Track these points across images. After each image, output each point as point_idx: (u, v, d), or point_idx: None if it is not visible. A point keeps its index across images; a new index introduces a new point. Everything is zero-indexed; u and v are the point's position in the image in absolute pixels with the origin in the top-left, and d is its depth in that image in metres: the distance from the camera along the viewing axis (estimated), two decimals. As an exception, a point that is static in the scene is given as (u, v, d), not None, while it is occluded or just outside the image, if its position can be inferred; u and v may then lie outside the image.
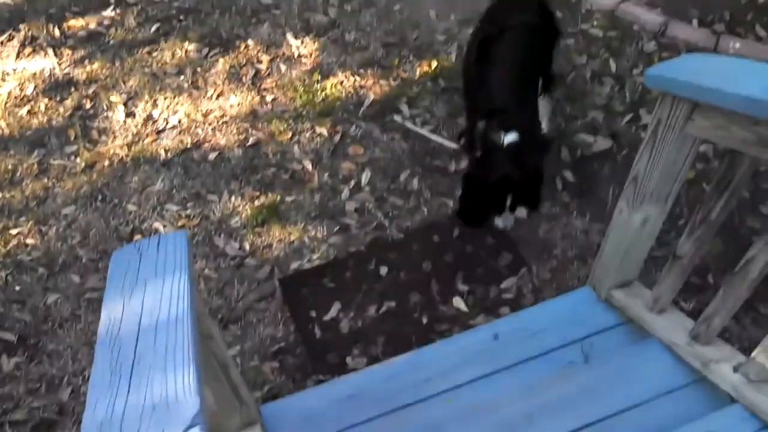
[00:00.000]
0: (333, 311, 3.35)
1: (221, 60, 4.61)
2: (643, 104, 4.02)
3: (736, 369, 2.31)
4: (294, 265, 3.55)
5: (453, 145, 3.97)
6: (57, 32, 4.98)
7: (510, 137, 2.94)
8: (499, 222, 3.18)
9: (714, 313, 2.31)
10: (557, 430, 2.51)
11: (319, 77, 4.42)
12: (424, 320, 3.28)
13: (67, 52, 4.84)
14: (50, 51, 4.86)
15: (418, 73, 4.41)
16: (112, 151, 4.15)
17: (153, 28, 4.90)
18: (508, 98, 3.10)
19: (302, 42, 4.67)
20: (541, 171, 3.13)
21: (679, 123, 2.10)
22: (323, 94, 4.33)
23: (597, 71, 4.27)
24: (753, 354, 2.18)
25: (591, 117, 4.03)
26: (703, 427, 2.34)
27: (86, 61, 4.73)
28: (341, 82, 4.38)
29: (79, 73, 4.66)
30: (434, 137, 4.03)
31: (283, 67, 4.53)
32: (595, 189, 3.74)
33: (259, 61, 4.58)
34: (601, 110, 4.06)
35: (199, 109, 4.33)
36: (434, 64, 4.43)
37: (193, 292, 1.63)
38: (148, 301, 1.60)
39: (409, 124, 4.11)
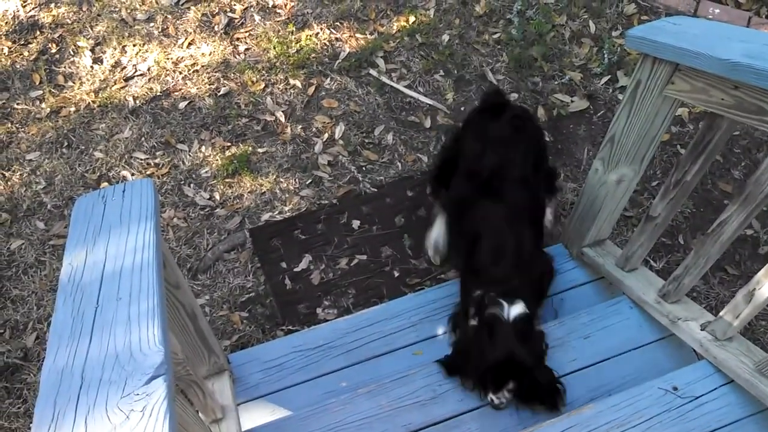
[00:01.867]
0: (304, 263, 3.32)
1: (193, 8, 4.48)
2: (621, 66, 4.00)
3: (703, 327, 2.34)
4: (265, 217, 3.50)
5: (428, 101, 3.92)
6: (22, -27, 4.81)
7: (516, 310, 2.40)
8: (494, 399, 2.44)
9: (684, 273, 2.32)
10: (526, 382, 2.51)
11: (294, 28, 4.33)
12: (396, 273, 3.27)
13: (32, -7, 4.68)
14: (15, -8, 4.69)
15: (395, 27, 4.33)
16: (78, 97, 4.04)
17: (122, -27, 4.75)
18: (509, 267, 2.53)
19: (277, -8, 4.57)
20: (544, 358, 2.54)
21: (658, 85, 2.09)
22: (298, 45, 4.24)
23: (576, 32, 4.23)
24: (721, 313, 2.21)
25: (568, 77, 4.00)
26: (669, 381, 2.38)
27: (52, 4, 4.57)
28: (316, 34, 4.29)
29: (45, 17, 4.51)
30: (410, 92, 3.98)
31: (257, 17, 4.42)
32: (571, 149, 3.73)
33: (232, 10, 4.47)
34: (579, 71, 4.04)
35: (169, 57, 4.21)
36: (412, 19, 4.35)
37: (159, 241, 1.58)
38: (112, 249, 1.55)
39: (384, 79, 4.05)
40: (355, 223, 3.45)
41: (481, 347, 2.40)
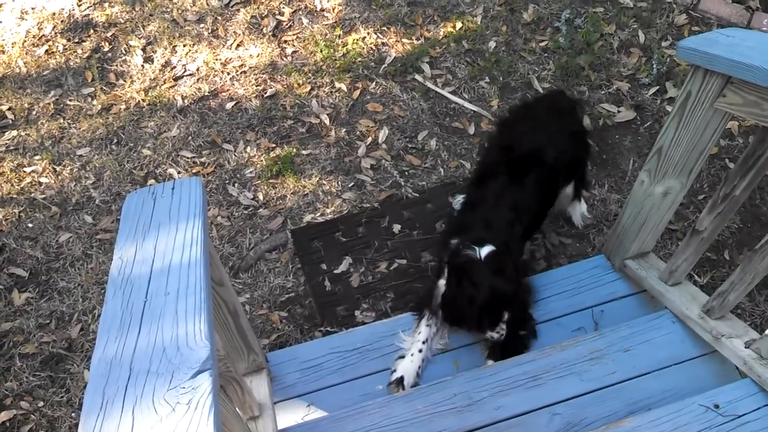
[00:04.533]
0: (344, 265, 3.34)
1: (242, 10, 4.54)
2: (670, 77, 3.95)
3: (748, 345, 2.29)
4: (307, 218, 3.53)
5: (473, 108, 3.92)
6: (78, -27, 4.93)
7: (486, 249, 2.56)
8: (494, 335, 2.60)
9: (730, 289, 2.28)
10: (564, 392, 2.52)
11: (341, 32, 4.36)
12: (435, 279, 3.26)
13: (87, -7, 4.79)
14: (71, -9, 4.81)
15: (441, 33, 4.34)
16: (128, 95, 4.12)
17: (175, -26, 4.83)
18: (492, 225, 2.71)
19: (326, -4, 4.61)
20: (524, 281, 2.81)
21: (709, 97, 2.06)
22: (344, 49, 4.27)
23: (625, 41, 4.19)
24: (767, 331, 2.16)
25: (616, 87, 3.97)
26: (710, 399, 2.34)
27: (106, 4, 4.68)
28: (363, 39, 4.32)
29: (99, 15, 4.61)
30: (455, 98, 3.98)
31: (305, 20, 4.46)
32: (616, 159, 3.70)
33: (281, 13, 4.52)
34: (627, 81, 4.00)
35: (218, 58, 4.28)
36: (459, 25, 4.35)
37: (206, 239, 1.62)
38: (161, 245, 1.58)
39: (429, 84, 4.06)
40: (396, 228, 3.46)
41: (465, 291, 2.55)
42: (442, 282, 2.73)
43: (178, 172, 3.75)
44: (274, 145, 3.83)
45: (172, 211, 1.68)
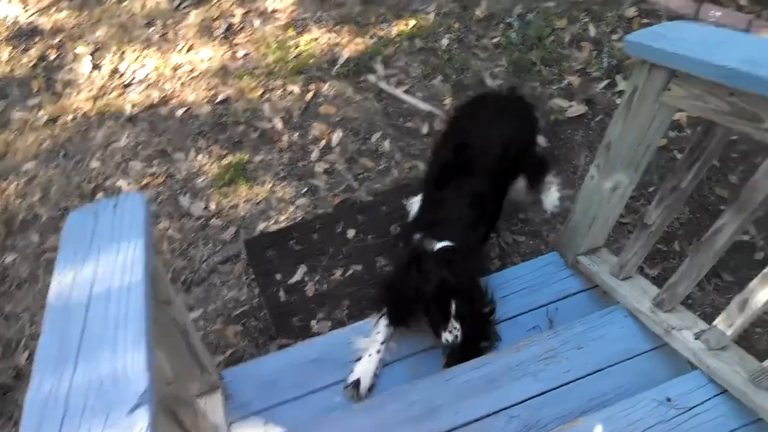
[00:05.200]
0: (298, 274, 3.29)
1: (193, 12, 4.47)
2: (620, 70, 3.95)
3: (697, 336, 2.31)
4: (260, 227, 3.48)
5: (426, 107, 3.88)
6: (22, -21, 4.81)
7: (442, 243, 2.62)
8: (448, 336, 2.56)
9: (678, 282, 2.29)
10: (520, 393, 2.51)
11: (294, 33, 4.31)
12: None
13: (32, -1, 4.69)
14: (15, -2, 4.70)
15: (394, 31, 4.30)
16: (76, 105, 4.03)
17: (123, -23, 4.74)
18: (453, 223, 2.78)
19: (277, -4, 4.54)
20: (478, 281, 2.74)
21: (655, 91, 2.06)
22: (297, 50, 4.21)
23: (576, 35, 4.18)
24: (714, 322, 2.17)
25: (567, 81, 3.95)
26: (662, 392, 2.36)
27: (53, 10, 4.58)
28: (316, 39, 4.27)
29: (45, 22, 4.51)
30: (408, 98, 3.94)
31: (256, 22, 4.40)
32: (568, 154, 3.68)
33: (232, 15, 4.45)
34: (578, 75, 3.98)
35: (168, 63, 4.20)
36: (412, 23, 4.32)
37: (149, 259, 1.56)
38: (101, 268, 1.52)
39: (383, 84, 4.02)
40: (351, 233, 3.42)
41: (411, 280, 2.58)
42: None
43: (128, 184, 3.67)
44: (226, 152, 3.77)
45: (114, 230, 1.62)
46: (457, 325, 2.55)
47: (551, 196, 3.38)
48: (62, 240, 1.64)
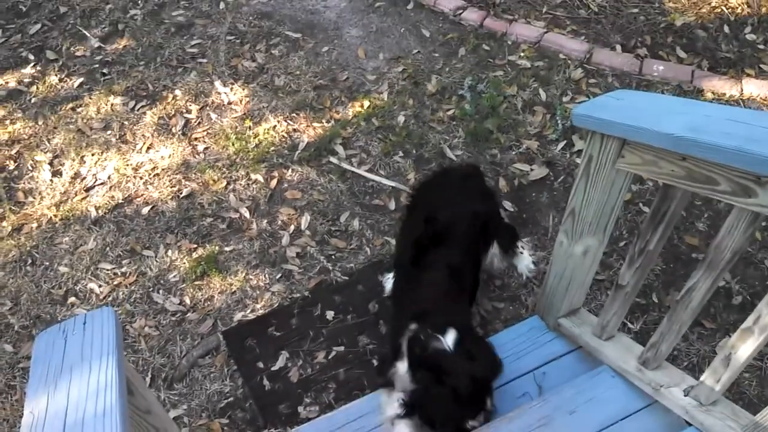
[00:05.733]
0: (281, 361, 3.27)
1: (149, 112, 4.51)
2: (575, 130, 4.09)
3: (686, 392, 2.33)
4: (237, 317, 3.46)
5: (391, 183, 3.96)
6: (-25, 93, 4.82)
7: (451, 336, 2.51)
8: (475, 423, 2.49)
9: (660, 340, 2.32)
10: (517, 466, 2.48)
11: (251, 123, 4.37)
12: (375, 362, 3.23)
13: (-14, 112, 4.69)
14: (-31, 113, 4.69)
15: (351, 113, 4.40)
16: (40, 212, 4.00)
17: (76, 83, 4.78)
18: (441, 301, 2.75)
19: (231, 89, 4.62)
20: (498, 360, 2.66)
21: (609, 159, 2.13)
22: (256, 140, 4.27)
23: (528, 101, 4.33)
24: (702, 378, 2.20)
25: (525, 146, 4.08)
26: (659, 451, 2.34)
27: (7, 121, 4.57)
28: (274, 127, 4.34)
29: (0, 134, 4.50)
30: (371, 176, 4.02)
31: (213, 116, 4.46)
32: (536, 217, 3.77)
33: (189, 111, 4.51)
34: (535, 139, 4.12)
35: (128, 164, 4.22)
36: (366, 103, 4.43)
37: (122, 376, 1.55)
38: (74, 392, 1.50)
39: (345, 165, 4.09)
40: (329, 314, 3.42)
41: (446, 387, 2.43)
42: (401, 365, 2.64)
43: (99, 286, 3.63)
44: (195, 246, 3.76)
45: (85, 349, 1.61)
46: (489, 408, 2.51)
47: (525, 260, 3.42)
48: (32, 364, 1.61)
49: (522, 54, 4.64)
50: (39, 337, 1.69)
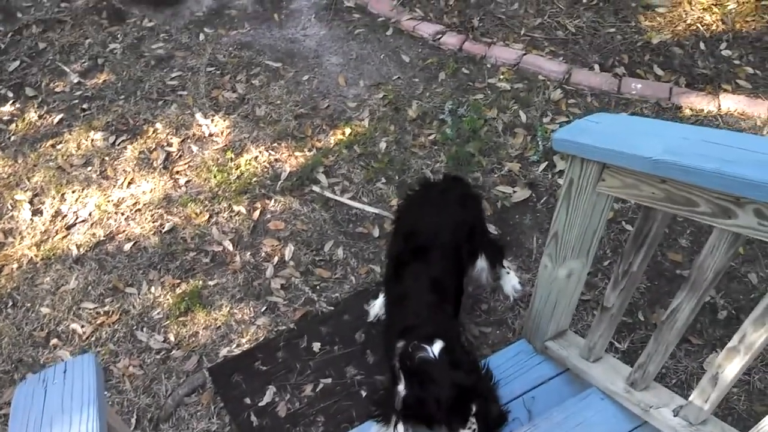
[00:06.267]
0: (268, 395, 3.22)
1: (130, 146, 4.49)
2: (556, 151, 4.07)
3: (676, 413, 2.31)
4: (223, 352, 3.41)
5: (374, 210, 3.94)
6: (-47, 133, 4.78)
7: (437, 345, 2.54)
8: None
9: (648, 361, 2.31)
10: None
11: (233, 155, 4.35)
12: (363, 393, 3.19)
13: (-35, 153, 4.64)
14: (-53, 153, 4.65)
15: (332, 141, 4.39)
16: (20, 253, 3.95)
17: (56, 120, 4.75)
18: (424, 315, 2.76)
19: (212, 120, 4.60)
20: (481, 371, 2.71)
21: (590, 183, 2.12)
22: (238, 171, 4.25)
23: (508, 123, 4.34)
24: (690, 398, 2.18)
25: (507, 168, 4.08)
26: (652, 472, 2.32)
27: (-14, 162, 4.54)
28: (255, 158, 4.32)
29: (-21, 175, 4.46)
30: (354, 204, 4.00)
31: (194, 148, 4.44)
32: (520, 239, 3.76)
33: (169, 144, 4.48)
34: (516, 161, 4.12)
35: (110, 200, 4.18)
36: (348, 131, 4.42)
37: (104, 429, 1.51)
38: None
39: (328, 193, 4.07)
40: (316, 346, 3.38)
41: (429, 393, 2.48)
42: (401, 388, 2.62)
43: (82, 326, 3.58)
44: (178, 281, 3.72)
45: (65, 400, 1.57)
46: (475, 421, 2.48)
47: (511, 281, 3.41)
48: (11, 417, 1.58)
49: (501, 76, 4.65)
50: (18, 389, 1.65)
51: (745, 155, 1.61)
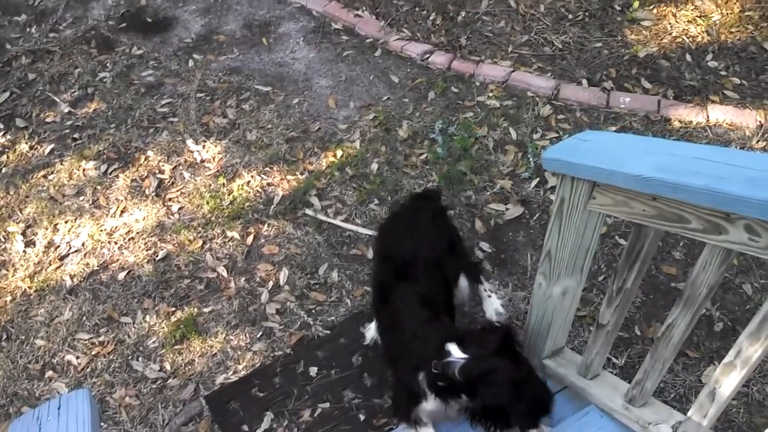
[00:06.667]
0: (266, 422, 3.20)
1: (122, 175, 4.48)
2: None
3: (675, 429, 2.30)
4: (219, 379, 3.40)
5: (368, 232, 3.94)
6: (-56, 167, 4.77)
7: (453, 348, 2.35)
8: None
9: (645, 377, 2.30)
10: None
11: (225, 180, 4.35)
12: (362, 417, 3.18)
13: (-44, 186, 4.63)
14: (-62, 187, 4.64)
15: (324, 163, 4.39)
16: (13, 285, 3.94)
17: (47, 150, 4.75)
18: (425, 330, 2.62)
19: (204, 146, 4.60)
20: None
21: (581, 201, 2.13)
22: (231, 197, 4.25)
23: (499, 141, 4.35)
24: (689, 414, 2.17)
25: (499, 186, 4.08)
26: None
27: (-22, 194, 4.53)
28: (248, 183, 4.32)
29: (-29, 207, 4.45)
30: (348, 226, 4.00)
31: (186, 175, 4.44)
32: (514, 256, 3.76)
33: (161, 171, 4.48)
34: (508, 178, 4.12)
35: (102, 229, 4.17)
36: (339, 153, 4.43)
37: None
38: None
39: (321, 216, 4.07)
40: (313, 370, 3.37)
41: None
42: (427, 404, 2.53)
43: (77, 357, 3.56)
44: (173, 309, 3.71)
45: (59, 437, 1.56)
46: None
47: (493, 305, 3.36)
48: None
49: (490, 94, 4.67)
50: (12, 426, 1.64)
51: (734, 171, 1.61)
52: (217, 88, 5.04)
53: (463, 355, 2.30)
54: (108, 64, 5.37)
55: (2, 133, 4.95)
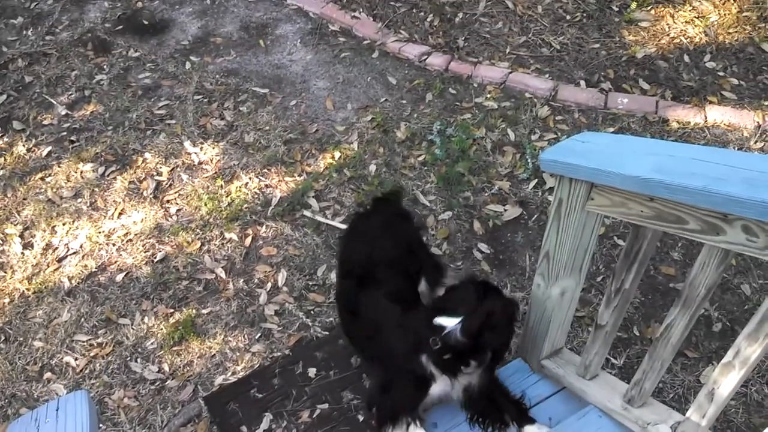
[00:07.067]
0: (264, 423, 3.19)
1: (119, 177, 4.48)
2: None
3: (674, 429, 2.30)
4: (218, 380, 3.39)
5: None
6: (-58, 169, 4.77)
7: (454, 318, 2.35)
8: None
9: (643, 378, 2.31)
10: None
11: (223, 182, 4.35)
12: (360, 417, 3.17)
13: (-46, 188, 4.63)
14: (-64, 189, 4.63)
15: (322, 165, 4.40)
16: (11, 287, 3.93)
17: (45, 152, 4.74)
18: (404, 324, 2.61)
19: (201, 148, 4.60)
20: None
21: (579, 202, 2.13)
22: (228, 198, 4.25)
23: (497, 142, 4.36)
24: (687, 414, 2.17)
25: (498, 187, 4.09)
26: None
27: (-25, 196, 4.52)
28: (246, 184, 4.32)
29: (-31, 210, 4.45)
30: (346, 227, 3.99)
31: (184, 177, 4.43)
32: (513, 257, 3.77)
33: (159, 174, 4.48)
34: (506, 179, 4.13)
35: (100, 231, 4.17)
36: (337, 154, 4.43)
37: None
38: None
39: (319, 218, 4.07)
40: (311, 371, 3.36)
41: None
42: (434, 387, 2.57)
43: (75, 359, 3.56)
44: (172, 310, 3.71)
45: (58, 439, 1.56)
46: None
47: None
48: None
49: (488, 95, 4.68)
50: (10, 427, 1.64)
51: (731, 172, 1.62)
52: (215, 90, 5.04)
53: (456, 319, 2.33)
54: (105, 67, 5.37)
55: (-1, 135, 4.95)
